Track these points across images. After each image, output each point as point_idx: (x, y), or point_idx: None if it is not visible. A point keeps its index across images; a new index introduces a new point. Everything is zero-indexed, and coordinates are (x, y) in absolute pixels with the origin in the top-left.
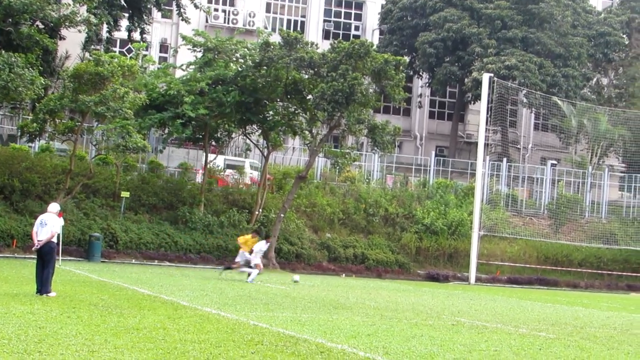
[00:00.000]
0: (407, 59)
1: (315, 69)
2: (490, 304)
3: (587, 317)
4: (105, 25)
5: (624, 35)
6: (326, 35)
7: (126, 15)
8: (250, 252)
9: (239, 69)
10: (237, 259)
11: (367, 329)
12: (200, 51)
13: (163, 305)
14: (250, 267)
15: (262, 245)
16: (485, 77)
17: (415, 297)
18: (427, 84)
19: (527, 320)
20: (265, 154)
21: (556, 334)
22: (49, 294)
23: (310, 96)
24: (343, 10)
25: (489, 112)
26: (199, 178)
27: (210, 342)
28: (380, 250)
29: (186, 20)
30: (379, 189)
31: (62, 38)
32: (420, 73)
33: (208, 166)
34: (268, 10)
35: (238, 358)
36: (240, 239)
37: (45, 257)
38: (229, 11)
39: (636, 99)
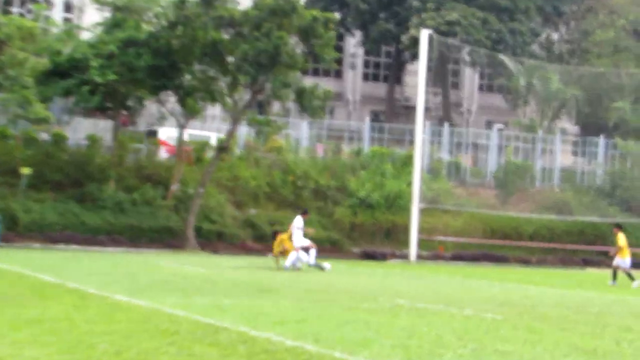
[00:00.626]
0: (337, 15)
1: (237, 28)
2: (432, 284)
3: (538, 296)
4: None
5: None
6: None
7: None
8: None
9: (152, 29)
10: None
11: (296, 315)
12: (108, 11)
13: (68, 294)
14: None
15: (298, 222)
16: (424, 34)
17: (349, 277)
18: (360, 43)
19: (472, 301)
20: (181, 122)
21: (504, 315)
22: None
23: (231, 58)
24: None
25: (429, 73)
26: (164, 154)
27: (120, 333)
28: (311, 226)
29: None
30: (308, 159)
31: None
32: (352, 31)
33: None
34: None
35: (152, 350)
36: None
37: None
38: None
39: (590, 55)
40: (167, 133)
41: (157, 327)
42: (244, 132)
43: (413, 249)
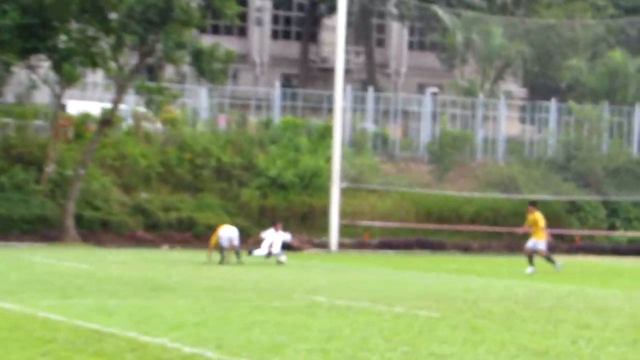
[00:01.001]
0: None
1: None
2: (356, 277)
3: (481, 289)
4: None
5: None
6: None
7: None
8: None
9: None
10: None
11: (195, 317)
12: None
13: None
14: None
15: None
16: None
17: (258, 271)
18: None
19: (404, 296)
20: (57, 92)
21: (441, 311)
22: None
23: (114, 15)
24: None
25: (349, 29)
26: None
27: None
28: (213, 212)
29: None
30: (208, 133)
31: None
32: None
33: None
34: None
35: None
36: None
37: None
38: None
39: (538, 4)
40: (79, 107)
41: (29, 334)
42: (131, 102)
43: (334, 237)
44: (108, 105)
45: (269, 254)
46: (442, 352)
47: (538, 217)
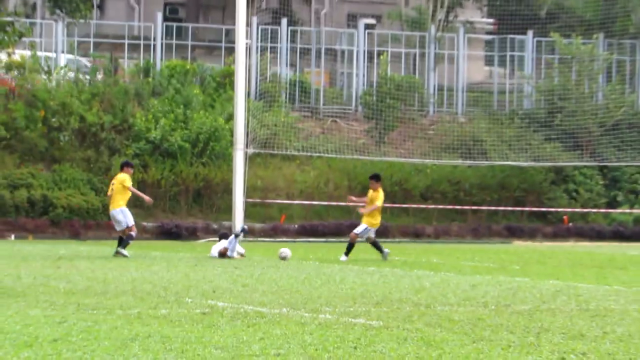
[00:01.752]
0: None
1: None
2: (270, 274)
3: (437, 288)
4: None
5: None
6: None
7: None
8: None
9: None
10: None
11: (53, 330)
12: None
13: None
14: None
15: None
16: None
17: (138, 268)
18: None
19: (333, 299)
20: None
21: (384, 319)
22: None
23: None
24: None
25: None
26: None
27: None
28: (76, 189)
29: None
30: (67, 84)
31: None
32: None
33: None
34: None
35: None
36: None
37: None
38: None
39: None
40: None
41: None
42: None
43: (238, 221)
44: None
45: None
46: None
47: (379, 195)
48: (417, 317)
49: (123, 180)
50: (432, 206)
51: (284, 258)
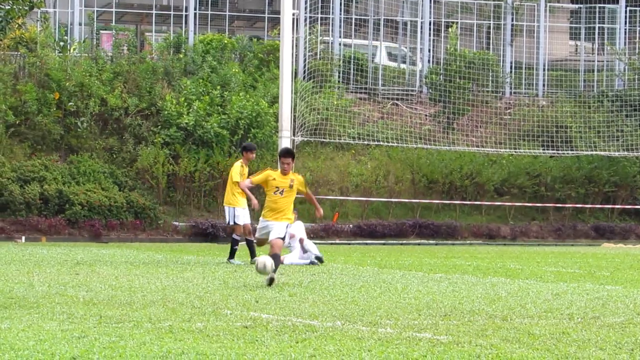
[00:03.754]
0: None
1: None
2: (321, 282)
3: (515, 298)
4: None
5: None
6: None
7: None
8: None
9: None
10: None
11: (71, 347)
12: None
13: None
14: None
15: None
16: None
17: (169, 275)
18: None
19: (394, 311)
20: None
21: (453, 333)
22: None
23: None
24: None
25: None
26: None
27: None
28: (96, 184)
29: None
30: (85, 61)
31: None
32: None
33: None
34: None
35: None
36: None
37: None
38: None
39: None
40: None
41: None
42: None
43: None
44: None
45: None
46: None
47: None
48: (491, 331)
49: (231, 170)
50: (509, 203)
51: (262, 269)
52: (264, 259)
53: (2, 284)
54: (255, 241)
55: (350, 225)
